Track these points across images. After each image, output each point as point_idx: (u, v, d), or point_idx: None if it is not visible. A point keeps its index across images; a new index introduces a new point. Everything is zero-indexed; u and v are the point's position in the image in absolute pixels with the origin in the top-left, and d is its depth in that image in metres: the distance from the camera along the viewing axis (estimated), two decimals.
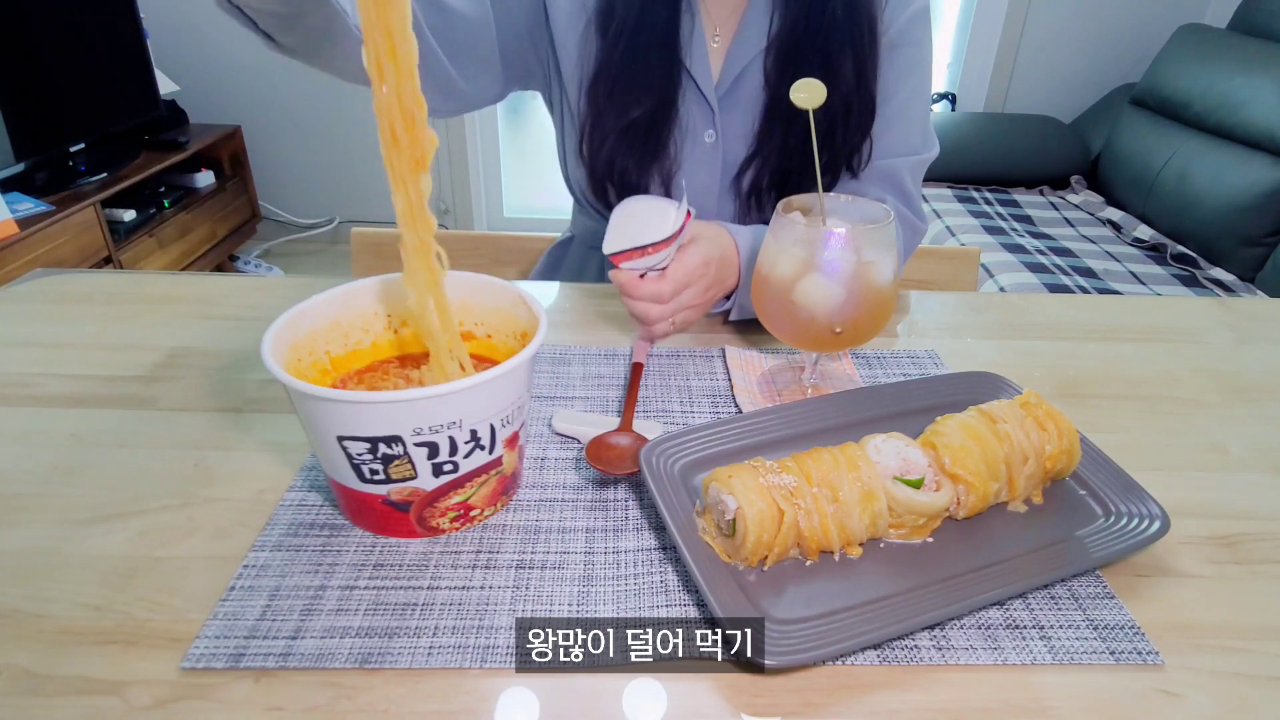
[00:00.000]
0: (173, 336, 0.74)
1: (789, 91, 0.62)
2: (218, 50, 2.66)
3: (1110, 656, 0.45)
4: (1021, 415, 0.55)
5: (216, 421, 0.62)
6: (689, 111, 0.83)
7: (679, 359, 0.73)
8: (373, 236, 1.05)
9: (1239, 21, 2.31)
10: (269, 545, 0.50)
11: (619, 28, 0.79)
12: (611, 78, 0.80)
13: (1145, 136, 2.32)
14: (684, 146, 0.84)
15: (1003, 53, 2.71)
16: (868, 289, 0.61)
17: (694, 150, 0.84)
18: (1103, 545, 0.50)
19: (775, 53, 0.81)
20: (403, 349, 0.60)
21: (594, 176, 0.85)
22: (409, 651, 0.44)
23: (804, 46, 0.79)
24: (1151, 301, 0.91)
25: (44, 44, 1.99)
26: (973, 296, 0.89)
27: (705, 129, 0.84)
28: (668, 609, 0.46)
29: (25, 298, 0.80)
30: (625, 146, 0.82)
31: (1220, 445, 0.63)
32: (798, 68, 0.79)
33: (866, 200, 0.64)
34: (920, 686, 0.43)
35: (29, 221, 1.85)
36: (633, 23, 0.79)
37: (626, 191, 0.85)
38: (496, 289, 0.58)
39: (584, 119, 0.84)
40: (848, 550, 0.50)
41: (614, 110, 0.81)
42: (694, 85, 0.82)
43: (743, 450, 0.57)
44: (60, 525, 0.52)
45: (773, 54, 0.81)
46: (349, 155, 2.84)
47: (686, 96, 0.82)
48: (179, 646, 0.43)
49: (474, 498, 0.51)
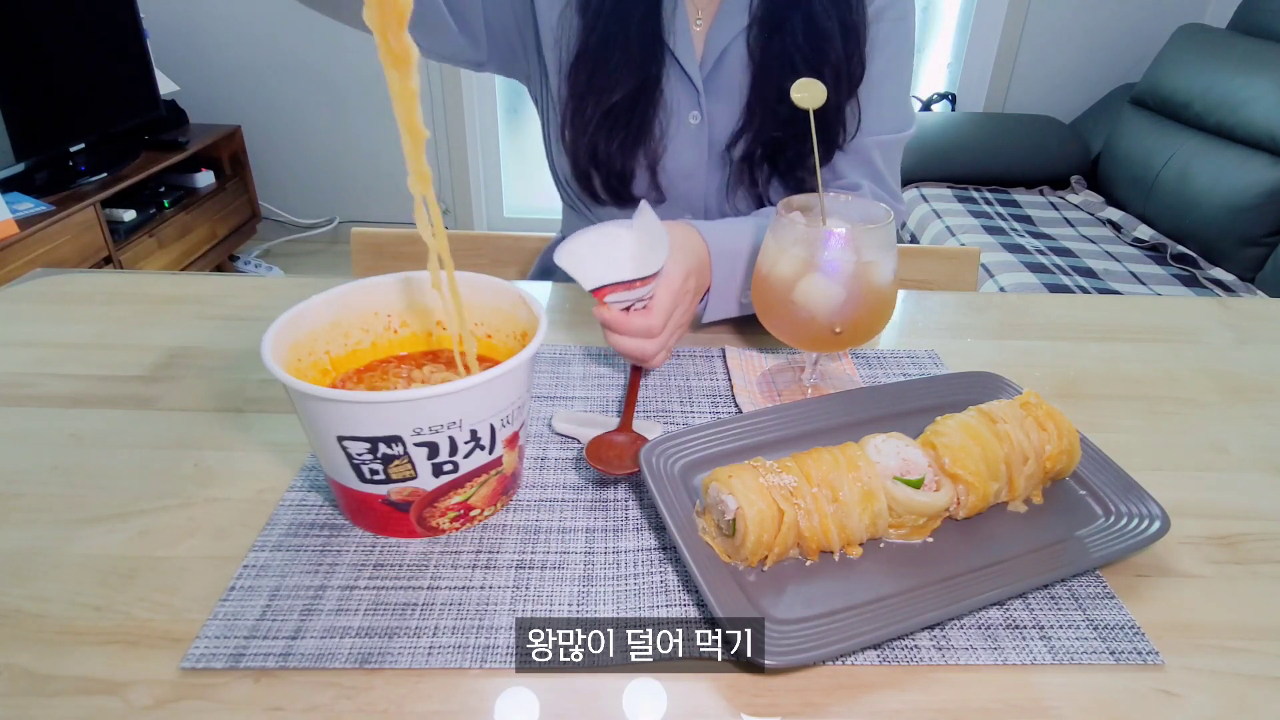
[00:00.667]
0: (173, 336, 0.74)
1: (788, 87, 0.61)
2: (218, 50, 2.66)
3: (1110, 656, 0.45)
4: (1021, 415, 0.55)
5: (216, 421, 0.62)
6: (673, 93, 0.82)
7: (679, 359, 0.72)
8: (373, 236, 1.05)
9: (1239, 21, 2.31)
10: (269, 545, 0.50)
11: (599, 7, 0.78)
12: (592, 59, 0.79)
13: (1145, 136, 2.32)
14: (669, 129, 0.83)
15: (1003, 53, 2.71)
16: (868, 289, 0.61)
17: (679, 132, 0.83)
18: (1103, 545, 0.50)
19: (758, 29, 0.80)
20: (403, 349, 0.60)
21: (577, 164, 0.84)
22: (409, 651, 0.44)
23: (787, 20, 0.78)
24: (1151, 301, 0.91)
25: (44, 44, 1.99)
26: (973, 296, 0.89)
27: (690, 110, 0.83)
28: (668, 609, 0.46)
29: (25, 298, 0.80)
30: (608, 131, 0.81)
31: (1220, 445, 0.63)
32: (781, 43, 0.79)
33: (867, 200, 0.65)
34: (920, 686, 0.43)
35: (29, 221, 1.86)
36: (612, 2, 0.78)
37: (611, 177, 0.84)
38: (496, 289, 0.58)
39: (565, 104, 0.82)
40: (848, 550, 0.50)
41: (595, 94, 0.80)
42: (677, 65, 0.81)
43: (743, 450, 0.57)
44: (60, 525, 0.52)
45: (755, 30, 0.80)
46: (349, 155, 2.84)
47: (670, 77, 0.81)
48: (179, 646, 0.43)
49: (474, 498, 0.51)
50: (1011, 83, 2.76)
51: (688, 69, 0.81)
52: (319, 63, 2.69)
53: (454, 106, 2.79)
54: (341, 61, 2.68)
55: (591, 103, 0.80)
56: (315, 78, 2.72)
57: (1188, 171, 2.14)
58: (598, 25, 0.78)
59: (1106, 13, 2.63)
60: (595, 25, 0.79)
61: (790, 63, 0.79)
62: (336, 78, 2.71)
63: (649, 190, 0.86)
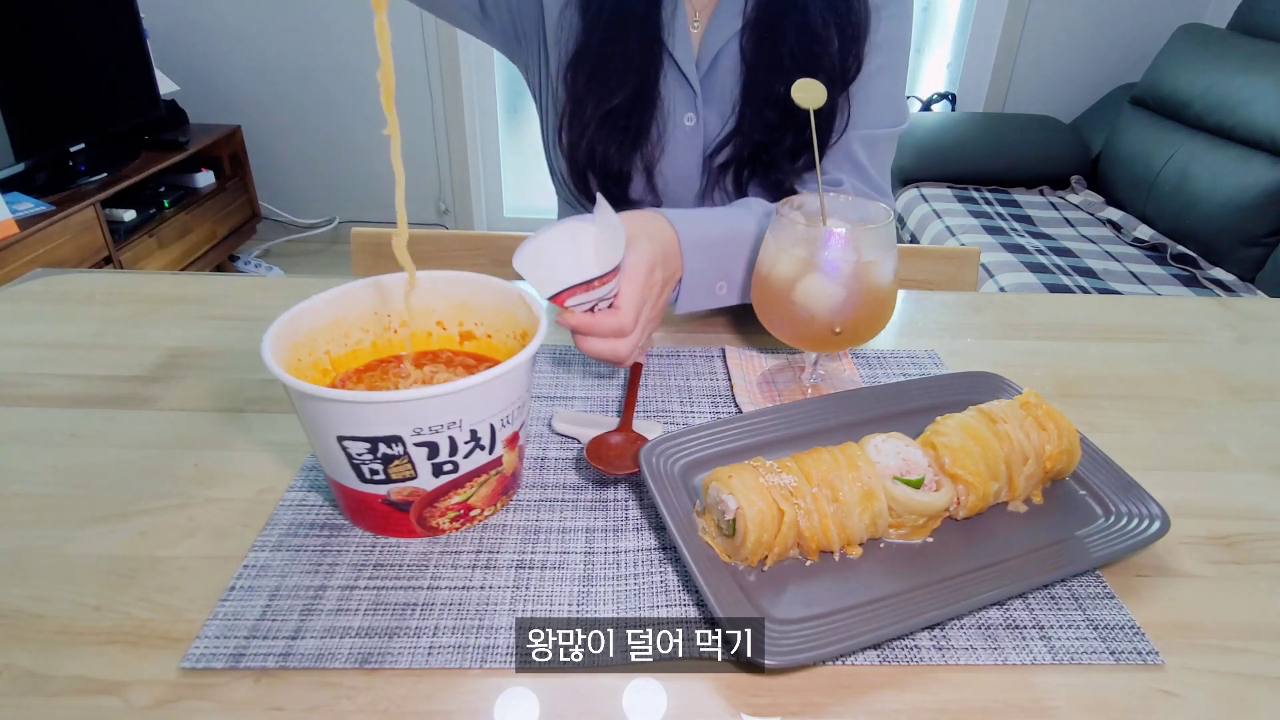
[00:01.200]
0: (173, 336, 0.74)
1: (779, 91, 0.61)
2: (218, 50, 2.66)
3: (1110, 656, 0.44)
4: (1021, 415, 0.55)
5: (216, 421, 0.62)
6: (670, 95, 0.82)
7: (679, 359, 0.72)
8: (373, 236, 1.05)
9: (1239, 21, 2.31)
10: (269, 545, 0.50)
11: (599, 8, 0.78)
12: (591, 60, 0.79)
13: (1145, 136, 2.32)
14: (665, 131, 0.83)
15: (1003, 53, 2.71)
16: (868, 289, 0.61)
17: (675, 134, 0.83)
18: (1103, 545, 0.50)
19: (751, 31, 0.80)
20: (403, 349, 0.60)
21: (574, 165, 0.84)
22: (409, 651, 0.44)
23: (780, 25, 0.78)
24: (1151, 301, 0.91)
25: (44, 44, 1.99)
26: (973, 296, 0.89)
27: (686, 112, 0.83)
28: (668, 609, 0.46)
29: (25, 298, 0.80)
30: (605, 133, 0.81)
31: (1220, 445, 0.63)
32: (774, 47, 0.79)
33: (866, 200, 0.64)
34: (920, 686, 0.43)
35: (29, 221, 1.86)
36: (614, 2, 0.77)
37: (608, 180, 0.84)
38: (496, 289, 0.58)
39: (563, 106, 0.82)
40: (848, 550, 0.50)
41: (593, 97, 0.80)
42: (675, 68, 0.81)
43: (743, 450, 0.57)
44: (60, 525, 0.52)
45: (748, 34, 0.80)
46: (349, 155, 2.84)
47: (668, 79, 0.81)
48: (179, 646, 0.43)
49: (474, 498, 0.51)
50: (1011, 83, 2.76)
51: (685, 71, 0.81)
52: (319, 63, 2.69)
53: (454, 107, 2.80)
54: (341, 61, 2.68)
55: (590, 105, 0.80)
56: (315, 78, 2.72)
57: (1188, 171, 2.14)
58: (598, 26, 0.78)
59: (1106, 13, 2.64)
60: (596, 25, 0.78)
61: (781, 66, 0.78)
62: (336, 78, 2.71)
63: (645, 193, 0.86)
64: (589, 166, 0.83)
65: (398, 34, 0.85)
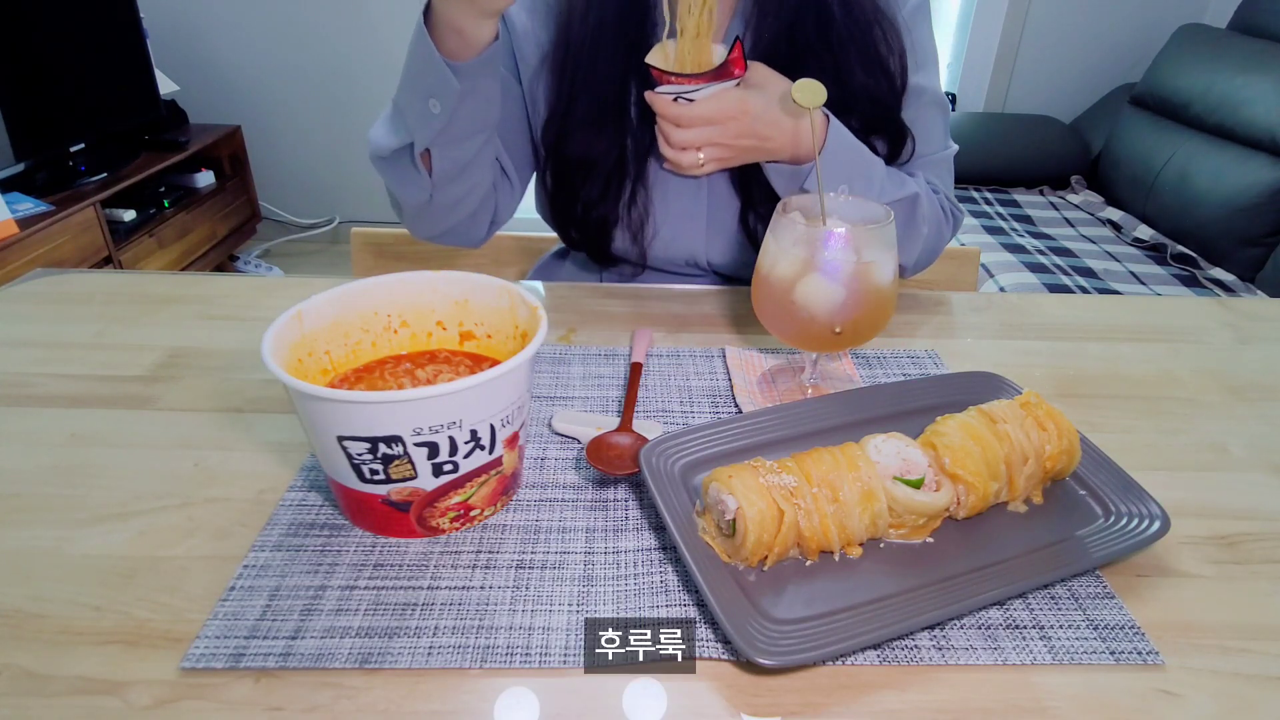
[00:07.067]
0: (173, 336, 0.74)
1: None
2: (218, 50, 2.66)
3: (1110, 656, 0.44)
4: (1021, 415, 0.55)
5: (216, 421, 0.62)
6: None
7: (679, 359, 0.72)
8: (373, 236, 1.05)
9: (1239, 21, 2.31)
10: (269, 545, 0.50)
11: (572, 76, 0.77)
12: (566, 131, 0.80)
13: (1145, 136, 2.32)
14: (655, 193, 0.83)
15: (1003, 53, 2.71)
16: (868, 289, 0.61)
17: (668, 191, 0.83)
18: (1103, 545, 0.50)
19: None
20: (402, 349, 0.60)
21: (559, 219, 0.86)
22: (409, 651, 0.44)
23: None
24: (1151, 301, 0.91)
25: (44, 44, 1.99)
26: (973, 296, 0.89)
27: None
28: (668, 609, 0.46)
29: (25, 298, 0.80)
30: (585, 193, 0.82)
31: (1220, 445, 0.63)
32: None
33: (866, 200, 0.64)
34: (920, 686, 0.43)
35: (29, 221, 1.86)
36: (585, 74, 0.77)
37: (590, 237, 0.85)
38: (496, 289, 0.58)
39: (543, 162, 0.84)
40: (848, 550, 0.50)
41: (574, 166, 0.81)
42: None
43: (743, 450, 0.57)
44: (60, 525, 0.52)
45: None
46: (349, 155, 2.84)
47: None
48: (179, 646, 0.43)
49: (474, 498, 0.51)
50: (1011, 83, 2.76)
51: None
52: (319, 63, 2.69)
53: None
54: (342, 61, 2.68)
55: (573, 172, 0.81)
56: (315, 78, 2.72)
57: (1188, 171, 2.14)
58: (572, 88, 0.78)
59: (1106, 13, 2.63)
60: (573, 96, 0.78)
61: None
62: (336, 78, 2.71)
63: (630, 250, 0.86)
64: (569, 223, 0.86)
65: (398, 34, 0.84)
